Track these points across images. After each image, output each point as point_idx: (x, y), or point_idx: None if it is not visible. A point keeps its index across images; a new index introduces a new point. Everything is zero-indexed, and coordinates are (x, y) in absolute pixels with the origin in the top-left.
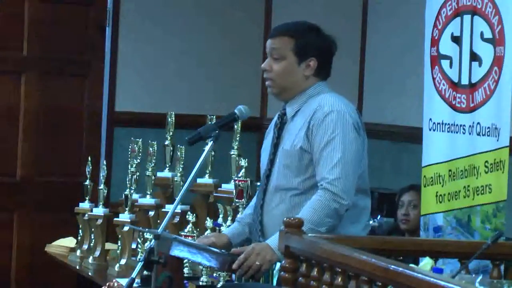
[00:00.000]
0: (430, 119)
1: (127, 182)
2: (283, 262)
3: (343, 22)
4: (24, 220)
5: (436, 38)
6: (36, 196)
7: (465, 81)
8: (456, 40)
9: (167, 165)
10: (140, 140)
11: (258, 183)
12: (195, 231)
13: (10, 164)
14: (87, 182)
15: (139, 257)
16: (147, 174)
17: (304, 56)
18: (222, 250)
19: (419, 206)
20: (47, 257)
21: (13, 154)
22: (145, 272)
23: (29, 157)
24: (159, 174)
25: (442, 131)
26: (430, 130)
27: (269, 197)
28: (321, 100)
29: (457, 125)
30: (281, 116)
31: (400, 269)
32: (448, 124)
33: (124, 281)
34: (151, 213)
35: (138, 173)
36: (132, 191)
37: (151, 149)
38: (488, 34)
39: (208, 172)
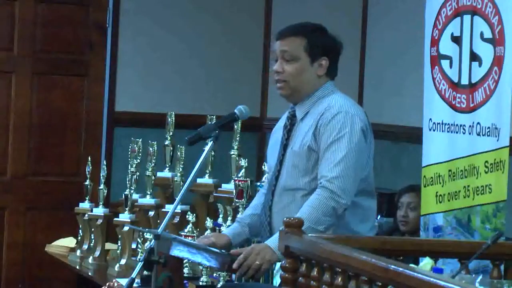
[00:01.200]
0: (430, 119)
1: (127, 182)
2: (283, 262)
3: (343, 22)
4: (17, 219)
5: (436, 38)
6: (30, 195)
7: (465, 81)
8: (456, 40)
9: (167, 165)
10: (140, 140)
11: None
12: (195, 231)
13: (1, 162)
14: (87, 182)
15: (139, 257)
16: (147, 174)
17: (316, 55)
18: (222, 250)
19: (418, 208)
20: (46, 256)
21: (3, 153)
22: (145, 272)
23: (21, 156)
24: (159, 174)
25: (442, 131)
26: (430, 130)
27: (278, 197)
28: (330, 101)
29: (457, 125)
30: (291, 117)
31: (400, 269)
32: (448, 124)
33: (124, 281)
34: (151, 213)
35: (138, 173)
36: (132, 191)
37: (151, 149)
38: (488, 34)
39: (208, 172)
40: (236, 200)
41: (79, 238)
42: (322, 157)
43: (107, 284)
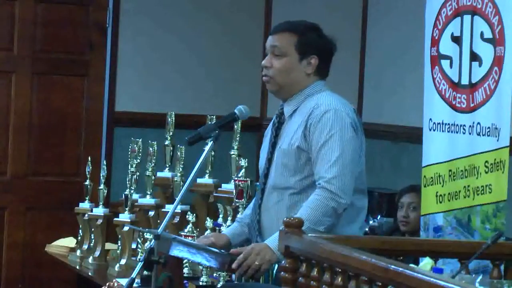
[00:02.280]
0: (430, 119)
1: (127, 182)
2: (282, 262)
3: (343, 22)
4: (17, 219)
5: (436, 38)
6: (30, 195)
7: (465, 81)
8: (456, 40)
9: (167, 165)
10: (140, 140)
11: (258, 183)
12: (195, 231)
13: (1, 162)
14: (87, 182)
15: (139, 257)
16: (147, 174)
17: (306, 53)
18: (222, 250)
19: (419, 208)
20: (46, 256)
21: (3, 153)
22: (145, 272)
23: (21, 156)
24: (159, 174)
25: (442, 131)
26: (430, 130)
27: (267, 196)
28: (318, 99)
29: (457, 125)
30: (279, 115)
31: (400, 269)
32: (448, 124)
33: (124, 281)
34: (151, 213)
35: (138, 173)
36: (132, 191)
37: (151, 149)
38: (488, 34)
39: (208, 172)
40: (236, 200)
41: (79, 238)
42: (317, 157)
43: (107, 284)
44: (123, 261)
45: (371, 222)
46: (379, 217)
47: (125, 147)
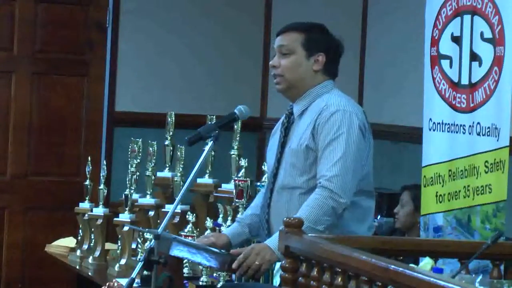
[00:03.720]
0: (430, 119)
1: (127, 182)
2: (283, 262)
3: (343, 22)
4: (17, 219)
5: (436, 38)
6: (30, 195)
7: (465, 81)
8: (456, 40)
9: (167, 165)
10: (140, 140)
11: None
12: (195, 231)
13: (1, 163)
14: (87, 182)
15: (139, 257)
16: (147, 174)
17: (313, 50)
18: (222, 250)
19: (406, 206)
20: (46, 256)
21: (3, 153)
22: (145, 272)
23: (21, 156)
24: (159, 174)
25: (442, 131)
26: (430, 130)
27: (276, 196)
28: (328, 99)
29: (457, 125)
30: (288, 115)
31: (400, 269)
32: (448, 124)
33: (124, 281)
34: (151, 213)
35: (138, 173)
36: (132, 191)
37: (151, 149)
38: (488, 34)
39: (208, 172)
40: (236, 200)
41: (79, 238)
42: (321, 156)
43: (107, 284)
44: (123, 261)
45: None
46: (379, 217)
47: (125, 147)
